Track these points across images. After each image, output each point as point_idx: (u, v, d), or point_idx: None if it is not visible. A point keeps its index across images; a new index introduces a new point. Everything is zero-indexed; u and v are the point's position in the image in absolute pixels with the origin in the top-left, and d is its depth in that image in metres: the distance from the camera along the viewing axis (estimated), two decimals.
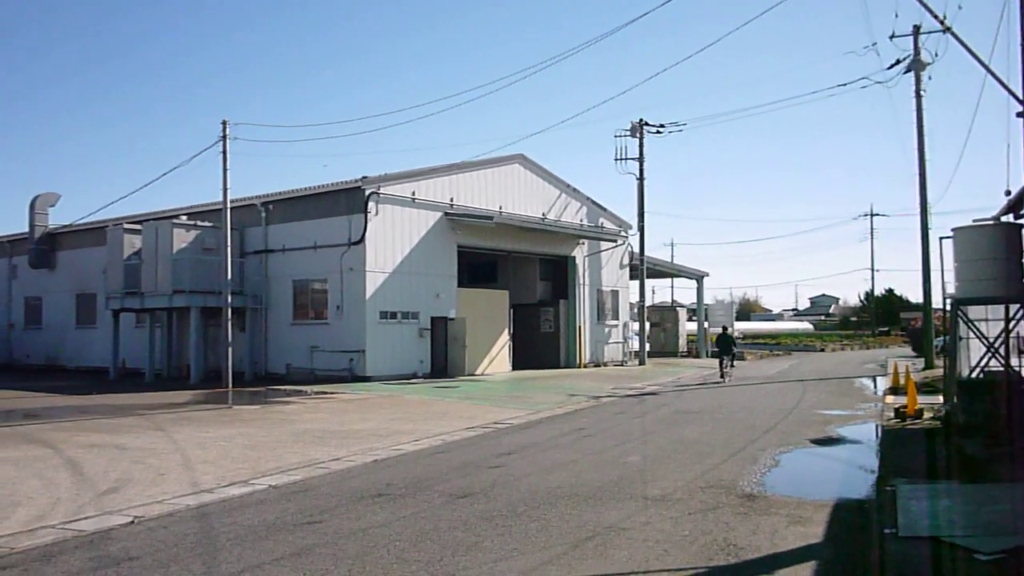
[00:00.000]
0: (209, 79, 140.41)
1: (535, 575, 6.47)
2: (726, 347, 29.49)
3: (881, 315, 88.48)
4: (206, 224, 29.80)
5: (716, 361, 30.22)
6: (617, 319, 40.59)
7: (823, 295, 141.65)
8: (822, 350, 60.71)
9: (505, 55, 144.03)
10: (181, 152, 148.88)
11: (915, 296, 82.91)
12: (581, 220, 38.13)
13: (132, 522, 8.21)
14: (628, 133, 40.74)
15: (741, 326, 56.35)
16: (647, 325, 42.76)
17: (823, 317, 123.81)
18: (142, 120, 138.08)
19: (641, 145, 40.87)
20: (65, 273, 39.21)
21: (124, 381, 30.44)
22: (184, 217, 30.38)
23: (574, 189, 37.97)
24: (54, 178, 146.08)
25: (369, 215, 28.30)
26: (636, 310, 41.95)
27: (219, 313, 27.65)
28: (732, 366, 29.71)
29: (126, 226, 31.35)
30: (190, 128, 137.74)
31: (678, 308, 55.46)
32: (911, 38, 31.28)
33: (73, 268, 38.60)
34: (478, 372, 31.94)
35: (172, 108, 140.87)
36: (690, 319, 56.67)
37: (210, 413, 18.93)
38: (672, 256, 73.79)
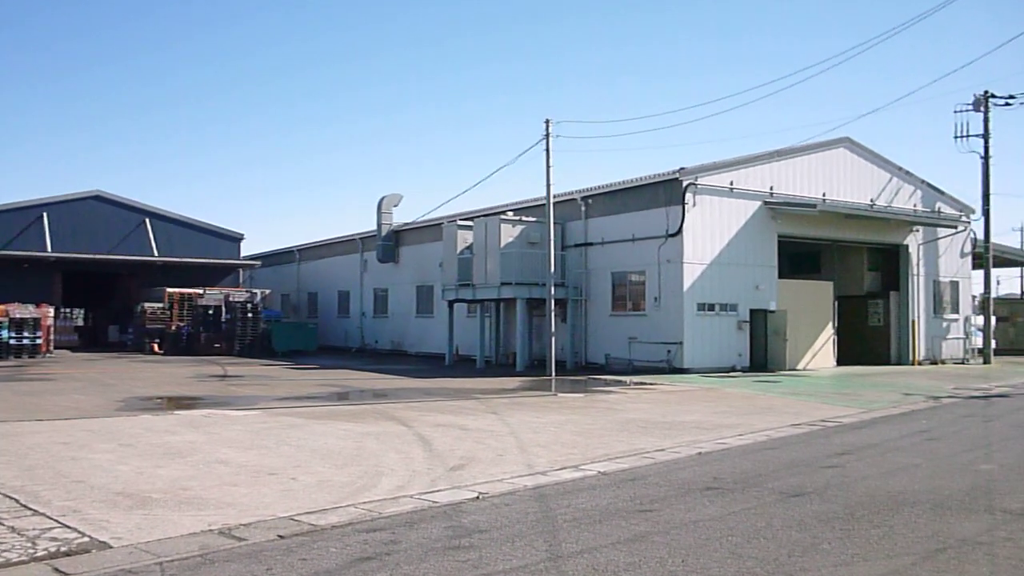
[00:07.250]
0: (533, 75, 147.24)
1: None
2: None
3: None
4: (530, 219, 31.35)
5: None
6: (957, 312, 37.16)
7: None
8: None
9: (827, 33, 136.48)
10: (507, 149, 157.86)
11: None
12: (915, 205, 35.31)
13: (478, 497, 8.86)
14: (971, 107, 37.02)
15: None
16: (993, 319, 38.77)
17: None
18: (472, 120, 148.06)
19: (986, 120, 36.97)
20: (407, 266, 43.19)
21: (458, 366, 32.93)
22: (510, 213, 32.20)
23: (906, 172, 35.24)
24: (397, 179, 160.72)
25: (687, 206, 28.23)
26: (979, 303, 38.21)
27: (542, 304, 29.07)
28: None
29: (459, 222, 33.82)
30: (514, 125, 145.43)
31: None
32: None
33: (414, 262, 42.44)
34: (800, 367, 30.74)
35: (499, 109, 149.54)
36: None
37: (537, 399, 19.92)
38: (1023, 243, 66.16)
